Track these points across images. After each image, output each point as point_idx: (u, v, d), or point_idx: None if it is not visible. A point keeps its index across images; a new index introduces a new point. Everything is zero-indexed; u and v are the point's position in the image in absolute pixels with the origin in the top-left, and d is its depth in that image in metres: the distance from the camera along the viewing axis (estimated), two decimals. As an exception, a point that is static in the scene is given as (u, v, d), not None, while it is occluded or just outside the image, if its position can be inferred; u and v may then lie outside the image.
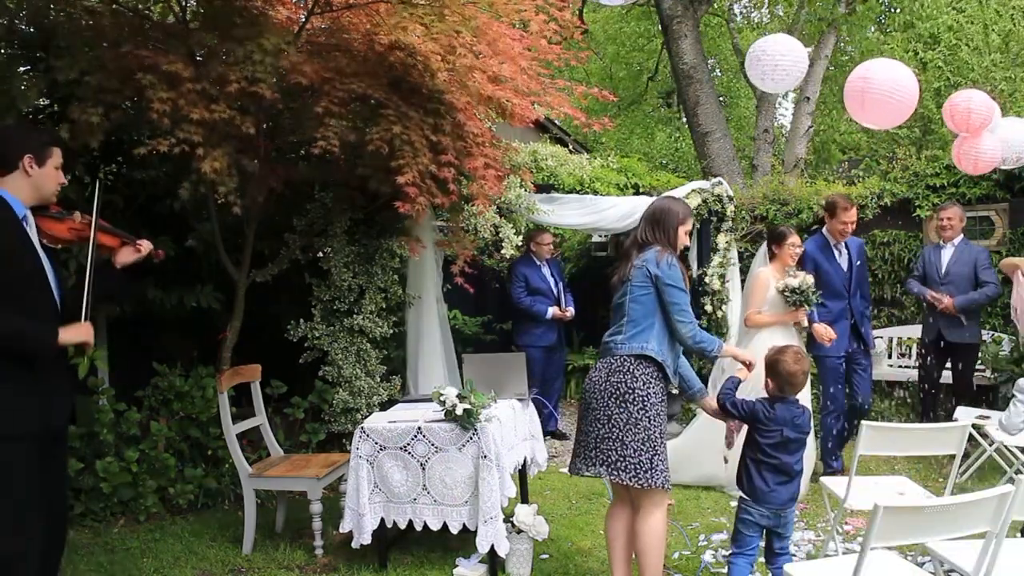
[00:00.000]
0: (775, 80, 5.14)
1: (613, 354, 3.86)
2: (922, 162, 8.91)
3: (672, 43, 11.78)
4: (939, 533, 3.03)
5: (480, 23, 4.86)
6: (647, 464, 3.74)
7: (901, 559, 3.58)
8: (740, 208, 8.83)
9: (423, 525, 4.36)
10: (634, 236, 4.06)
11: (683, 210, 4.01)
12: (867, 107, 5.11)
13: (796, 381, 3.72)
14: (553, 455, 7.02)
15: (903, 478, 4.71)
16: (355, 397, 5.82)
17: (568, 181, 7.74)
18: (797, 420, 3.71)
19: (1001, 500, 2.96)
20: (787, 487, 3.71)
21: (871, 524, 2.77)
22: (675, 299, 3.79)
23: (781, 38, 5.22)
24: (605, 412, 3.80)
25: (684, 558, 4.80)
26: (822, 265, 6.15)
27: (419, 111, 4.99)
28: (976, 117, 5.50)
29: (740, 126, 21.03)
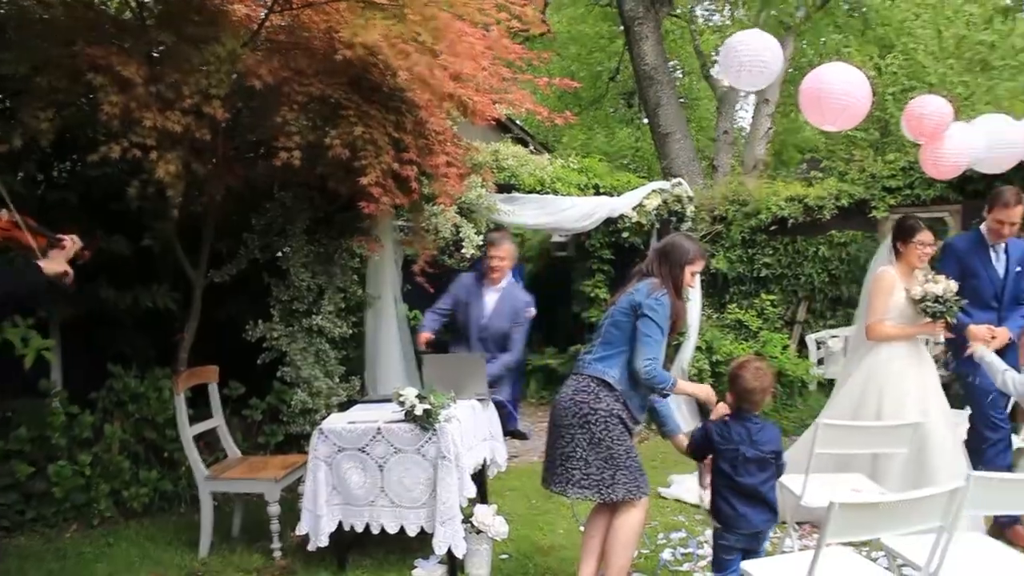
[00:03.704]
0: (752, 75, 5.10)
1: (580, 372, 3.93)
2: (878, 164, 9.03)
3: (634, 44, 11.83)
4: (893, 528, 3.08)
5: (441, 23, 4.84)
6: (608, 481, 3.81)
7: (856, 555, 3.62)
8: (700, 208, 8.90)
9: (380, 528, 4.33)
10: (640, 265, 4.09)
11: (695, 250, 4.01)
12: (822, 110, 5.15)
13: (754, 398, 3.63)
14: (513, 455, 7.00)
15: (859, 475, 4.77)
16: (314, 398, 5.77)
17: (529, 181, 7.74)
18: (755, 436, 3.60)
19: (952, 495, 3.02)
20: (757, 511, 3.59)
21: (826, 521, 2.81)
22: (649, 332, 3.79)
23: (757, 33, 5.20)
24: (569, 431, 3.85)
25: (643, 557, 4.82)
26: (972, 268, 5.21)
27: (380, 109, 4.96)
28: (928, 122, 5.57)
29: (700, 127, 21.15)
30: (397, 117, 5.00)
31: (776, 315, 8.86)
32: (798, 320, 8.99)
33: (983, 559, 3.49)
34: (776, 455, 3.62)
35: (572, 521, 4.91)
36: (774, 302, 8.89)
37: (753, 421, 3.63)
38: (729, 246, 9.09)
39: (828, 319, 8.99)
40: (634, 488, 3.84)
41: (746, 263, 9.09)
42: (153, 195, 4.70)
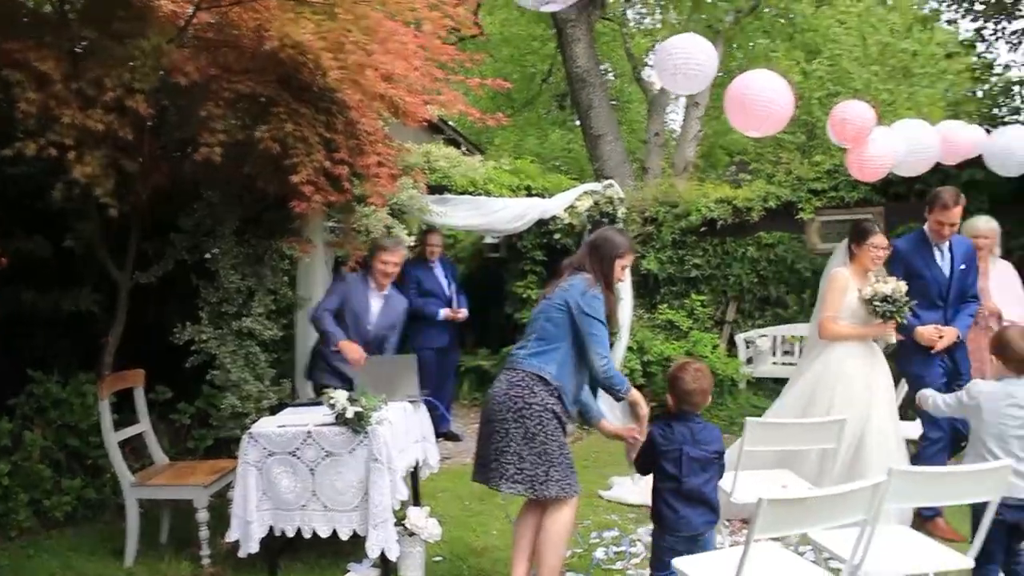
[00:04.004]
0: (688, 77, 5.16)
1: (515, 368, 3.91)
2: (805, 167, 9.25)
3: (566, 47, 11.90)
4: (819, 523, 3.15)
5: (372, 21, 4.80)
6: (542, 477, 3.81)
7: (784, 549, 3.69)
8: (631, 210, 9.00)
9: (312, 532, 4.28)
10: (570, 259, 4.11)
11: (625, 245, 4.05)
12: (746, 115, 5.23)
13: (694, 399, 3.62)
14: (446, 457, 6.99)
15: (787, 471, 4.87)
16: (244, 402, 5.67)
17: (461, 182, 7.74)
18: (698, 436, 3.58)
19: (875, 490, 3.10)
20: (698, 512, 3.55)
21: (755, 517, 2.86)
22: (594, 330, 3.83)
23: (691, 37, 5.26)
24: (503, 426, 3.85)
25: (576, 556, 4.85)
26: (916, 268, 5.28)
27: (311, 108, 4.91)
28: (851, 127, 5.70)
29: (632, 129, 21.36)
30: (328, 117, 4.96)
31: (706, 315, 9.01)
32: (727, 320, 9.15)
33: (904, 551, 3.60)
34: (718, 455, 3.62)
35: (505, 522, 4.92)
36: (704, 302, 9.04)
37: (695, 421, 3.63)
38: (660, 247, 9.21)
39: (756, 319, 9.17)
40: (567, 486, 3.86)
41: (676, 264, 9.22)
42: (78, 195, 4.58)
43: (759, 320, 9.16)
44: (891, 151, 5.92)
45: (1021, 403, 3.69)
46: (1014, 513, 3.64)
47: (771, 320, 9.08)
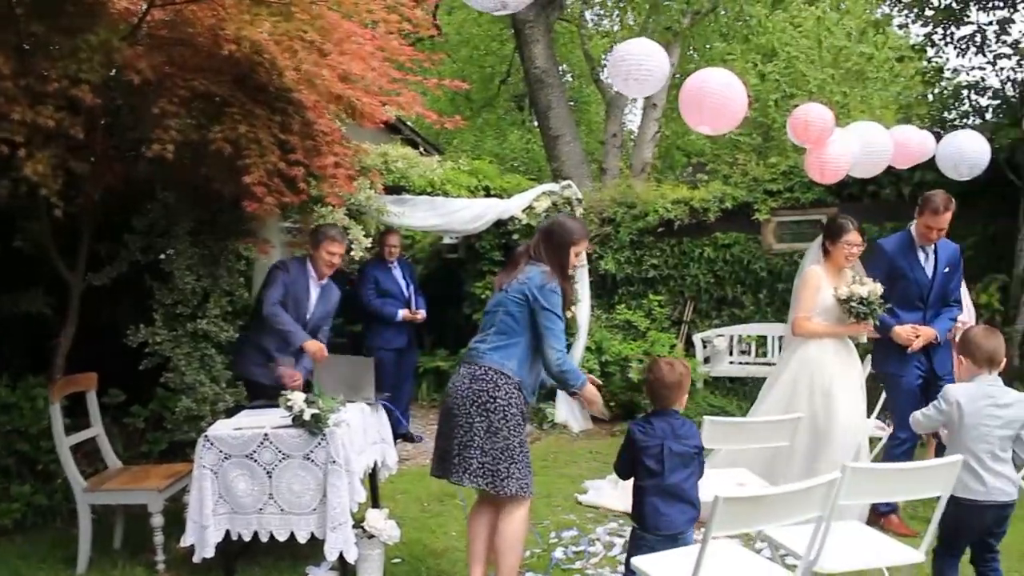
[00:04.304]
0: (640, 82, 5.20)
1: (476, 362, 3.89)
2: (761, 168, 9.35)
3: (524, 47, 11.93)
4: (775, 520, 3.18)
5: (328, 22, 4.77)
6: (504, 472, 3.81)
7: (741, 547, 3.73)
8: (589, 210, 9.04)
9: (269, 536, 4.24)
10: (526, 246, 4.09)
11: (579, 231, 4.05)
12: (702, 112, 5.28)
13: (669, 392, 3.59)
14: (404, 458, 6.99)
15: (743, 470, 4.92)
16: (199, 404, 5.61)
17: (419, 183, 7.72)
18: (679, 431, 3.54)
19: (829, 486, 3.14)
20: (680, 510, 3.50)
21: (712, 514, 2.88)
22: (551, 324, 3.82)
23: (643, 42, 5.31)
24: (467, 420, 3.83)
25: (536, 556, 4.86)
26: (899, 268, 5.31)
27: (266, 109, 4.86)
28: (813, 128, 5.77)
29: (590, 130, 21.48)
30: (283, 118, 4.91)
31: (663, 315, 9.07)
32: (685, 320, 9.22)
33: (859, 546, 3.65)
34: (699, 451, 3.59)
35: (465, 523, 4.91)
36: (661, 302, 9.11)
37: (675, 416, 3.60)
38: (617, 248, 9.26)
39: (713, 319, 9.25)
40: (525, 485, 3.86)
41: (634, 264, 9.28)
42: (25, 194, 4.49)
43: (716, 320, 9.25)
44: (849, 153, 6.01)
45: (999, 402, 3.70)
46: (995, 512, 3.68)
47: (728, 320, 9.17)
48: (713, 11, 15.17)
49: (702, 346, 9.04)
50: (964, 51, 8.19)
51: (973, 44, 8.09)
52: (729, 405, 8.44)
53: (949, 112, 8.72)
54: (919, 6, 8.24)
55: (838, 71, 16.07)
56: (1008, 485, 3.66)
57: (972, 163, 6.42)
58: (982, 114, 8.38)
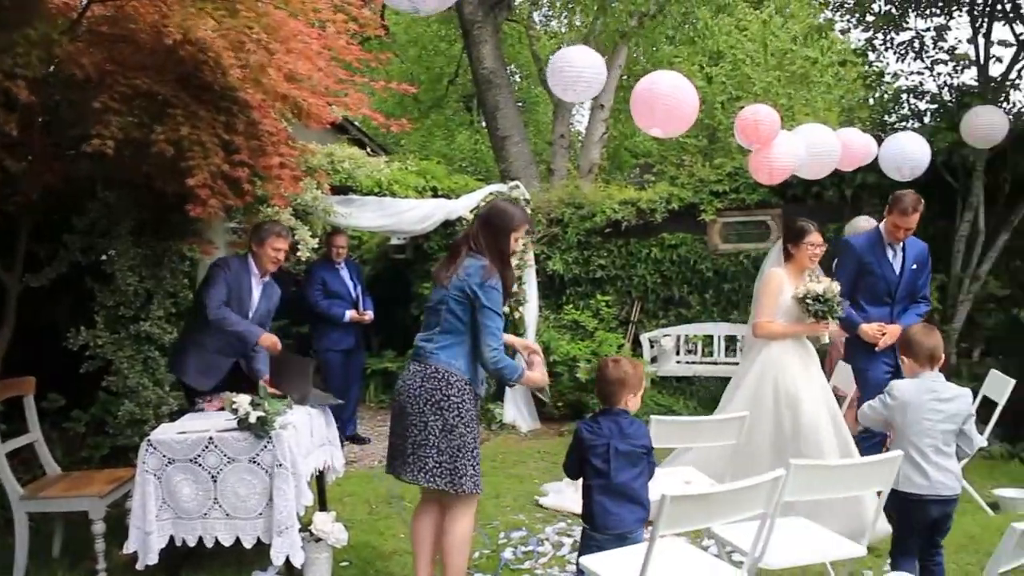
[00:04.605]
0: (577, 91, 5.27)
1: (426, 361, 3.86)
2: (707, 169, 9.46)
3: (473, 48, 11.91)
4: (722, 517, 3.21)
5: (274, 20, 4.72)
6: (461, 470, 3.80)
7: (688, 544, 3.77)
8: (537, 211, 9.06)
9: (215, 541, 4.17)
10: (466, 233, 4.03)
11: (519, 216, 3.99)
12: (654, 115, 5.33)
13: (608, 392, 3.61)
14: (352, 460, 6.94)
15: (690, 468, 4.96)
16: (142, 408, 5.52)
17: (366, 183, 7.68)
18: (627, 431, 3.55)
19: (774, 484, 3.19)
20: (629, 509, 3.52)
21: (659, 513, 2.90)
22: (490, 322, 3.78)
23: (582, 50, 5.36)
24: (421, 419, 3.81)
25: (484, 557, 4.86)
26: (868, 265, 5.46)
27: (210, 109, 4.78)
28: (764, 128, 5.85)
29: (538, 131, 21.51)
30: (228, 117, 4.84)
31: (611, 315, 9.12)
32: (632, 320, 9.29)
33: (803, 541, 3.71)
34: (647, 451, 3.59)
35: (413, 525, 4.90)
36: (609, 302, 9.16)
37: (623, 416, 3.60)
38: (565, 248, 9.30)
39: (660, 319, 9.33)
40: (478, 481, 3.87)
41: (582, 265, 9.32)
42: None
43: (663, 320, 9.33)
44: (794, 154, 6.11)
45: (941, 396, 3.79)
46: (939, 507, 3.75)
47: (674, 320, 9.25)
48: (660, 13, 15.29)
49: (649, 346, 9.12)
50: (903, 56, 8.36)
51: (912, 49, 8.27)
52: (676, 404, 8.53)
53: (889, 115, 8.90)
54: (860, 12, 8.39)
55: (783, 74, 16.32)
56: (951, 479, 3.75)
57: (914, 165, 6.58)
58: (920, 118, 8.57)
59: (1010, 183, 7.61)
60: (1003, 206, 7.56)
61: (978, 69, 7.89)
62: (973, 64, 7.94)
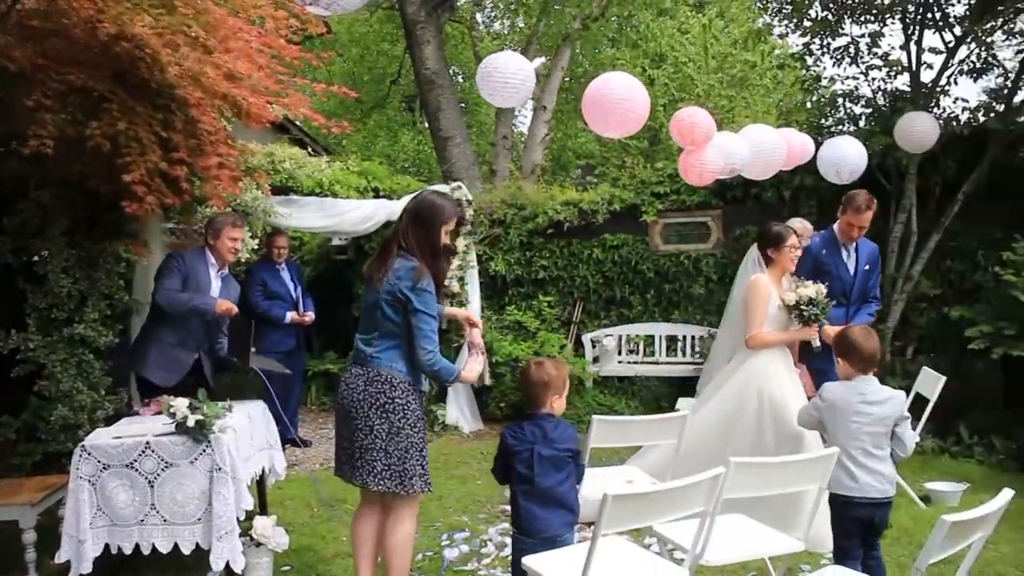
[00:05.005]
0: (504, 97, 5.28)
1: (368, 364, 3.84)
2: (648, 171, 9.55)
3: (415, 48, 11.87)
4: (663, 515, 3.24)
5: (213, 17, 4.64)
6: (411, 471, 3.80)
7: (630, 543, 3.79)
8: (479, 212, 9.06)
9: (152, 548, 4.09)
10: (395, 229, 3.98)
11: (450, 209, 3.95)
12: (607, 116, 5.36)
13: (532, 394, 3.62)
14: (293, 463, 6.88)
15: (632, 467, 5.00)
16: (76, 413, 5.38)
17: (307, 184, 7.60)
18: (551, 435, 3.54)
19: (713, 482, 3.23)
20: (556, 514, 3.52)
21: (601, 512, 2.92)
22: (423, 325, 3.76)
23: (510, 55, 5.39)
24: (367, 422, 3.78)
25: (427, 558, 4.85)
26: (825, 266, 5.51)
27: (147, 106, 4.69)
28: (699, 130, 5.92)
29: (480, 132, 21.53)
30: (166, 115, 4.75)
31: (553, 316, 9.16)
32: (574, 320, 9.33)
33: (743, 538, 3.76)
34: (573, 454, 3.58)
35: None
36: (551, 303, 9.19)
37: (547, 420, 3.59)
38: (507, 249, 9.31)
39: (602, 319, 9.39)
40: (428, 480, 3.87)
41: (524, 265, 9.34)
42: None
43: (604, 320, 9.39)
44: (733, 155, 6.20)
45: (870, 399, 3.84)
46: (868, 509, 3.80)
47: (616, 320, 9.33)
48: (603, 16, 15.40)
49: (591, 346, 9.18)
50: (839, 61, 8.54)
51: (848, 55, 8.45)
52: (618, 404, 8.60)
53: (826, 119, 9.08)
54: (798, 17, 8.55)
55: (724, 77, 16.56)
56: (880, 482, 3.80)
57: (852, 168, 6.73)
58: (856, 121, 8.77)
59: (940, 186, 7.84)
60: (934, 208, 7.77)
61: (910, 75, 8.10)
62: (905, 70, 8.15)
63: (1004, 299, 6.94)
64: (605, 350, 9.01)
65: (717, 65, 16.95)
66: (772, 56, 16.57)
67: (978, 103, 8.14)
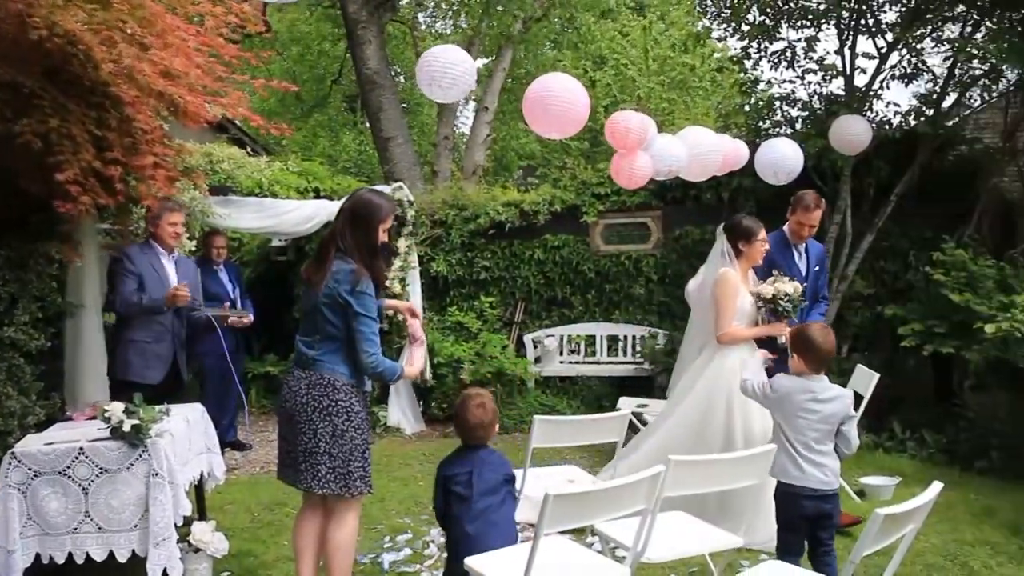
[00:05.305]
0: (443, 88, 5.24)
1: (310, 368, 3.81)
2: (589, 172, 9.61)
3: (356, 48, 11.79)
4: (604, 514, 3.27)
5: (149, 13, 4.55)
6: (356, 473, 3.78)
7: (572, 542, 3.82)
8: (420, 213, 9.03)
9: (86, 557, 3.99)
10: (332, 229, 3.94)
11: (387, 206, 3.92)
12: (547, 117, 5.37)
13: (477, 434, 3.66)
14: (233, 467, 6.78)
15: (573, 467, 5.03)
16: (5, 419, 5.22)
17: (247, 183, 7.50)
18: (487, 460, 3.63)
19: (653, 480, 3.26)
20: (492, 537, 3.55)
21: (542, 511, 2.94)
22: (365, 328, 3.75)
23: (450, 48, 5.35)
24: (310, 426, 3.75)
25: (369, 560, 4.83)
26: (779, 267, 5.37)
27: (81, 104, 4.58)
28: (633, 136, 5.97)
29: (422, 132, 21.45)
30: (100, 113, 4.64)
31: (495, 316, 9.17)
32: (516, 321, 9.35)
33: (683, 535, 3.81)
34: (508, 479, 3.65)
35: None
36: (493, 303, 9.20)
37: (483, 449, 3.68)
38: (449, 250, 9.29)
39: (544, 319, 9.43)
40: (369, 481, 3.86)
41: (465, 266, 9.33)
42: None
43: (546, 320, 9.43)
44: (663, 158, 6.26)
45: (819, 398, 3.89)
46: (813, 502, 3.84)
47: (557, 320, 9.37)
48: (545, 17, 15.47)
49: (533, 346, 9.20)
50: (776, 65, 8.69)
51: (784, 59, 8.60)
52: (560, 404, 8.64)
53: (764, 121, 9.22)
54: (736, 21, 8.67)
55: (664, 79, 16.74)
56: (826, 474, 3.86)
57: (789, 169, 6.84)
58: (792, 124, 8.92)
59: (874, 188, 8.03)
60: (868, 210, 7.96)
61: (845, 79, 8.28)
62: (840, 75, 8.32)
63: (934, 298, 7.13)
64: (547, 350, 9.05)
65: (658, 68, 17.12)
66: (711, 59, 16.78)
67: (909, 108, 8.36)
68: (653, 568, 4.36)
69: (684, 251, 8.91)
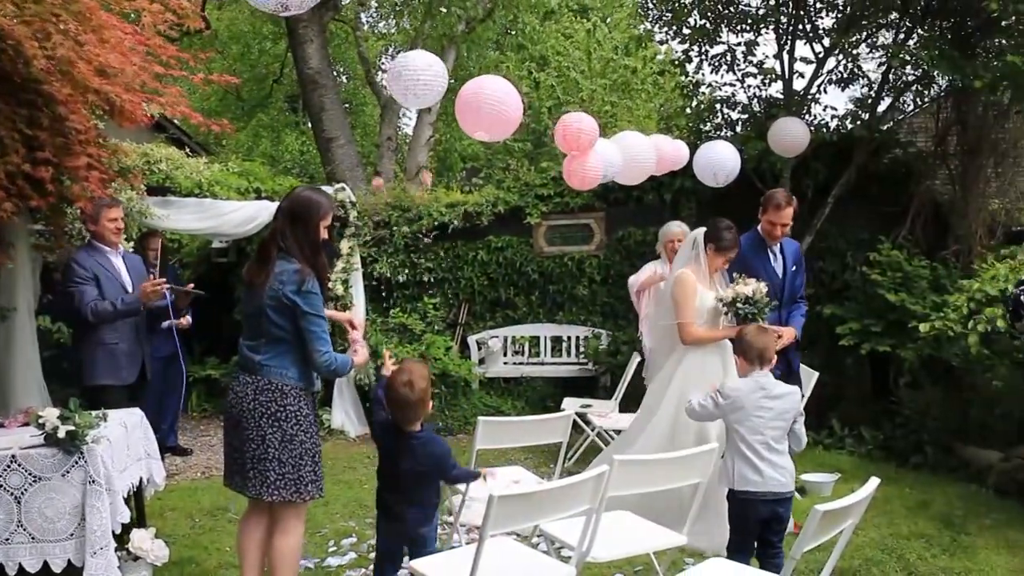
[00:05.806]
0: (416, 95, 5.22)
1: (257, 373, 3.72)
2: (532, 173, 9.65)
3: (298, 47, 11.69)
4: (550, 514, 3.28)
5: (84, 7, 4.43)
6: (306, 478, 3.73)
7: (518, 543, 3.82)
8: (363, 214, 8.97)
9: (19, 568, 3.88)
10: (273, 229, 3.88)
11: (326, 203, 3.86)
12: (478, 118, 5.37)
13: (406, 415, 3.60)
14: (173, 473, 6.67)
15: (518, 468, 5.03)
16: (-66, 425, 5.09)
17: (186, 184, 7.37)
18: (417, 451, 3.59)
19: (598, 480, 3.28)
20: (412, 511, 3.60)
21: (487, 513, 2.93)
22: (315, 327, 3.68)
23: (421, 54, 5.34)
24: (258, 432, 3.67)
25: (315, 565, 4.78)
26: (754, 268, 5.24)
27: (10, 102, 4.45)
28: (586, 137, 6.00)
29: (365, 133, 21.33)
30: (31, 111, 4.50)
31: (439, 317, 9.15)
32: (460, 322, 9.34)
33: (627, 534, 3.84)
34: (439, 471, 3.64)
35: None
36: (436, 305, 9.19)
37: (415, 437, 3.62)
38: (392, 251, 9.25)
39: (488, 320, 9.44)
40: (320, 485, 3.81)
41: (409, 268, 9.30)
42: None
43: (490, 321, 9.44)
44: (604, 162, 6.31)
45: (771, 393, 3.94)
46: (771, 506, 3.88)
47: (501, 321, 9.39)
48: (489, 18, 15.46)
49: (477, 348, 9.20)
50: (717, 68, 8.81)
51: (725, 62, 8.73)
52: (504, 404, 8.65)
53: (705, 124, 9.34)
54: (677, 25, 8.78)
55: (607, 82, 16.84)
56: (783, 475, 3.91)
57: (727, 171, 6.94)
58: (733, 127, 9.05)
59: (812, 189, 8.17)
60: (806, 211, 8.08)
61: (783, 83, 8.43)
62: (779, 78, 8.47)
63: (871, 298, 7.29)
64: (491, 351, 9.05)
65: (600, 70, 17.23)
66: (653, 62, 16.94)
67: (846, 111, 8.56)
68: (599, 567, 4.39)
69: (627, 252, 8.99)
